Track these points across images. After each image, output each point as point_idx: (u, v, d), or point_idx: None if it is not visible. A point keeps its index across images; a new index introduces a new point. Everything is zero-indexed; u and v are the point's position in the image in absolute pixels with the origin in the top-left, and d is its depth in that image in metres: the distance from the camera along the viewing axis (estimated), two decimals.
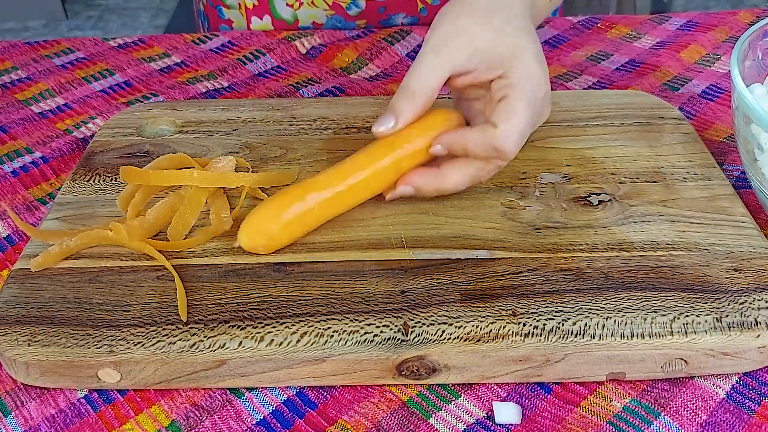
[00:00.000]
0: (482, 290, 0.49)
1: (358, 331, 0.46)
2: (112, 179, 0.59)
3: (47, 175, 0.65)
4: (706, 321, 0.46)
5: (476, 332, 0.46)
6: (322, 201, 0.52)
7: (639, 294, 0.48)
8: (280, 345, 0.46)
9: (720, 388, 0.47)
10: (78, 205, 0.57)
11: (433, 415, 0.46)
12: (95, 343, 0.46)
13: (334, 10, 0.85)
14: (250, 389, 0.47)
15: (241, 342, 0.46)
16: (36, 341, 0.46)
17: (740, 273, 0.49)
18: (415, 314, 0.47)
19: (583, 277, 0.49)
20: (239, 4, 0.88)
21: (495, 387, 0.47)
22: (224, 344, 0.46)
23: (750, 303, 0.47)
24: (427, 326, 0.46)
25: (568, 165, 0.60)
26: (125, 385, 0.47)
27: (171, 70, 0.80)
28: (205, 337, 0.46)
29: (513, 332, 0.46)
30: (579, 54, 0.81)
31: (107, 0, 3.00)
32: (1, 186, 0.64)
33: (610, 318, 0.47)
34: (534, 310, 0.47)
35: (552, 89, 0.60)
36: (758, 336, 0.46)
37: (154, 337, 0.46)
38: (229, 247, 0.53)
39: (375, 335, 0.46)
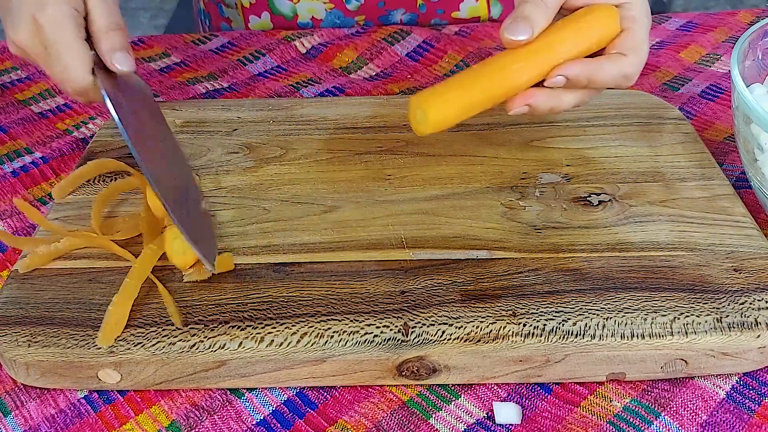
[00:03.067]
0: (482, 290, 0.49)
1: (358, 331, 0.46)
2: (111, 179, 0.59)
3: (47, 175, 0.65)
4: (706, 321, 0.46)
5: (476, 333, 0.46)
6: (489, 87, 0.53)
7: (639, 294, 0.48)
8: (280, 345, 0.46)
9: (720, 388, 0.47)
10: (78, 205, 0.57)
11: (433, 416, 0.46)
12: (95, 343, 0.46)
13: (333, 4, 0.86)
14: (250, 389, 0.47)
15: (241, 343, 0.46)
16: (36, 342, 0.46)
17: (740, 273, 0.49)
18: (415, 315, 0.47)
19: (583, 278, 0.49)
20: (236, 3, 0.88)
21: (495, 387, 0.47)
22: (224, 345, 0.46)
23: (750, 303, 0.47)
24: (428, 327, 0.46)
25: (568, 165, 0.60)
26: (125, 385, 0.47)
27: (171, 70, 0.80)
28: (205, 337, 0.46)
29: (513, 333, 0.46)
30: None
31: None
32: (1, 186, 0.64)
33: (611, 318, 0.47)
34: (534, 311, 0.47)
35: None
36: (758, 336, 0.46)
37: (154, 338, 0.46)
38: (229, 248, 0.53)
39: (375, 336, 0.46)
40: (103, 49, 0.52)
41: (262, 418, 0.46)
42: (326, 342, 0.46)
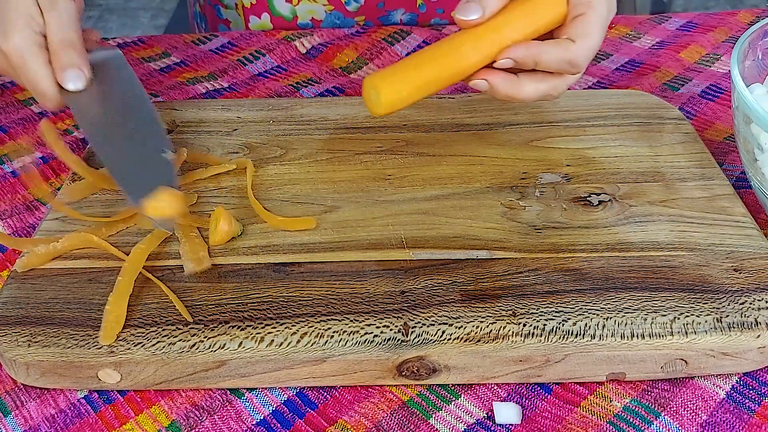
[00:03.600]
0: (482, 290, 0.49)
1: (358, 331, 0.46)
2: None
3: (47, 175, 0.65)
4: (706, 321, 0.46)
5: (476, 333, 0.46)
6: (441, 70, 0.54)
7: (639, 294, 0.48)
8: (280, 345, 0.46)
9: (720, 388, 0.47)
10: (78, 205, 0.57)
11: (433, 416, 0.46)
12: (95, 343, 0.46)
13: (333, 6, 0.86)
14: (250, 389, 0.47)
15: (241, 342, 0.46)
16: (36, 342, 0.46)
17: (740, 273, 0.49)
18: (415, 314, 0.47)
19: (583, 278, 0.49)
20: (236, 4, 0.88)
21: (495, 387, 0.47)
22: (224, 345, 0.46)
23: (750, 303, 0.47)
24: (428, 327, 0.46)
25: (568, 165, 0.60)
26: (125, 385, 0.47)
27: (171, 70, 0.80)
28: (205, 337, 0.46)
29: (513, 332, 0.46)
30: None
31: (107, 0, 3.00)
32: (1, 186, 0.64)
33: (611, 318, 0.47)
34: (534, 311, 0.47)
35: None
36: (758, 336, 0.46)
37: (154, 338, 0.46)
38: (229, 248, 0.53)
39: (375, 336, 0.46)
40: (54, 68, 0.54)
41: (262, 418, 0.46)
42: (326, 342, 0.46)
